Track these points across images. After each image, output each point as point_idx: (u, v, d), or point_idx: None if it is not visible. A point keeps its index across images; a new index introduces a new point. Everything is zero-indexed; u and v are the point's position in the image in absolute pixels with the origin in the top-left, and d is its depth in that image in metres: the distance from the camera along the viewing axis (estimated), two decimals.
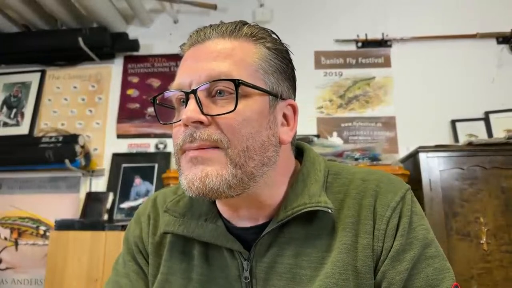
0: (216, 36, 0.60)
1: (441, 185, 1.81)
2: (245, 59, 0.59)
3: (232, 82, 0.56)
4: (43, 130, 2.62)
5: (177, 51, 0.66)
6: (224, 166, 0.55)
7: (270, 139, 0.59)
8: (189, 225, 0.65)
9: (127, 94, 2.66)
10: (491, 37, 2.48)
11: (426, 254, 0.60)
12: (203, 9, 2.65)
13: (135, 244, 0.72)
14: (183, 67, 0.61)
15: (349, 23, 2.58)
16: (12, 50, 2.66)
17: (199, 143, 0.56)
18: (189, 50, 0.63)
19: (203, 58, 0.58)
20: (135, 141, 2.56)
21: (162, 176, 2.08)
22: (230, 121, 0.56)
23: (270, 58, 0.61)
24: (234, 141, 0.56)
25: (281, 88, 0.62)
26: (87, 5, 2.38)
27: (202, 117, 0.55)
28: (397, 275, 0.58)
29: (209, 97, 0.58)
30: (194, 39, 0.62)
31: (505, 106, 2.33)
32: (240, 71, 0.57)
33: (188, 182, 0.56)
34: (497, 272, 1.70)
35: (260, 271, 0.61)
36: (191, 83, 0.58)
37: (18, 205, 2.51)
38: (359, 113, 2.48)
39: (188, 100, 0.56)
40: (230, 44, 0.59)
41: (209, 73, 0.57)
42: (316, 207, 0.59)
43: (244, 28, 0.61)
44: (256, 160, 0.57)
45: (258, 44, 0.61)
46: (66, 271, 1.91)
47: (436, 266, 0.59)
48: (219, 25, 0.62)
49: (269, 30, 0.65)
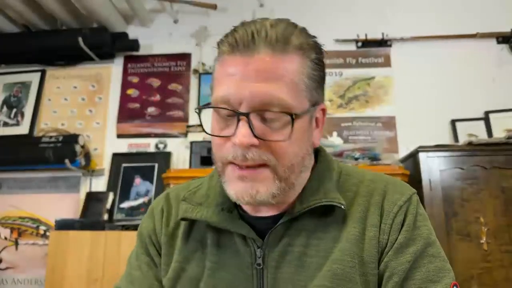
0: (265, 47, 0.58)
1: (441, 185, 1.81)
2: (293, 79, 0.59)
3: (289, 115, 0.58)
4: (43, 130, 2.62)
5: (178, 51, 0.66)
6: (272, 182, 0.60)
7: (308, 149, 0.65)
8: (207, 212, 0.68)
9: (127, 94, 2.66)
10: (491, 37, 2.48)
11: (428, 252, 0.63)
12: (203, 9, 2.65)
13: (148, 236, 0.75)
14: (230, 80, 0.59)
15: (349, 23, 2.58)
16: (12, 50, 2.66)
17: (250, 162, 0.59)
18: (232, 56, 0.60)
19: (253, 76, 0.58)
20: (135, 141, 2.56)
21: (162, 176, 2.08)
22: (282, 146, 0.59)
23: (313, 72, 0.62)
24: (282, 161, 0.60)
25: (318, 97, 0.65)
26: (87, 5, 2.38)
27: (255, 140, 0.58)
28: (399, 265, 0.61)
29: (260, 117, 0.59)
30: (240, 44, 0.59)
31: (505, 106, 2.33)
32: (290, 93, 0.58)
33: (236, 194, 0.61)
34: (497, 272, 1.70)
35: (272, 259, 0.65)
36: (240, 101, 0.58)
37: (18, 205, 2.51)
38: (359, 113, 2.48)
39: (239, 121, 0.58)
40: (279, 61, 0.58)
41: (262, 97, 0.57)
42: (330, 202, 0.64)
43: (293, 39, 0.60)
44: (296, 171, 0.63)
45: (305, 58, 0.61)
46: (66, 271, 1.91)
47: (437, 265, 0.62)
48: (267, 30, 0.59)
49: (313, 36, 0.64)
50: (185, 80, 2.64)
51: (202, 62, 2.62)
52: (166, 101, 2.62)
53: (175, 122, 2.56)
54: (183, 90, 2.62)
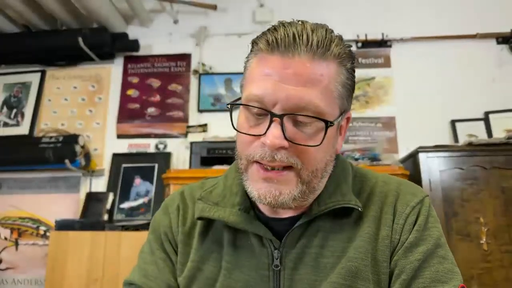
0: (306, 51, 0.58)
1: (441, 185, 1.81)
2: (328, 86, 0.60)
3: (323, 122, 0.59)
4: (43, 130, 2.62)
5: (178, 51, 0.65)
6: (295, 185, 0.61)
7: (332, 156, 0.66)
8: (224, 212, 0.68)
9: (127, 94, 2.66)
10: (491, 37, 2.48)
11: (438, 253, 0.64)
12: (203, 9, 2.65)
13: (164, 233, 0.74)
14: (267, 80, 0.59)
15: (349, 23, 2.58)
16: (12, 50, 2.66)
17: (277, 164, 0.59)
18: (271, 56, 0.59)
19: (292, 80, 0.58)
20: (135, 141, 2.56)
21: (162, 176, 2.08)
22: (311, 151, 0.60)
23: (347, 82, 0.63)
24: (307, 165, 0.60)
25: (347, 105, 0.65)
26: (87, 5, 2.38)
27: (285, 142, 0.58)
28: (408, 264, 0.62)
29: (292, 119, 0.59)
30: (281, 44, 0.58)
31: (505, 106, 2.33)
32: (324, 100, 0.59)
33: (259, 194, 0.61)
34: (497, 272, 1.70)
35: (289, 260, 0.66)
36: (275, 102, 0.58)
37: (18, 205, 2.51)
38: (359, 113, 2.48)
39: (272, 121, 0.58)
40: (319, 68, 0.59)
41: (298, 102, 0.57)
42: (348, 204, 0.65)
43: (332, 47, 0.60)
44: (319, 176, 0.63)
45: (342, 67, 0.62)
46: (66, 271, 1.91)
47: (447, 267, 0.63)
48: (308, 35, 0.59)
49: (349, 45, 0.65)
50: (185, 80, 2.64)
51: (202, 63, 2.62)
52: (166, 101, 2.62)
53: (175, 123, 2.56)
54: (183, 91, 2.62)
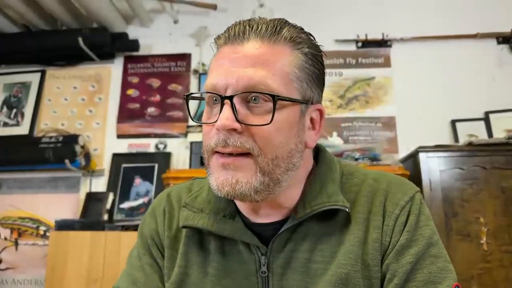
0: (255, 37, 0.59)
1: (441, 185, 1.81)
2: (282, 67, 0.59)
3: (271, 97, 0.57)
4: (43, 130, 2.62)
5: (178, 51, 0.66)
6: (254, 174, 0.58)
7: (297, 146, 0.62)
8: (208, 219, 0.66)
9: (127, 94, 2.66)
10: (491, 37, 2.48)
11: (430, 252, 0.62)
12: (203, 9, 2.65)
13: (150, 238, 0.73)
14: (219, 67, 0.60)
15: (349, 23, 2.58)
16: (12, 50, 2.66)
17: (232, 149, 0.58)
18: (225, 47, 0.61)
19: (241, 62, 0.58)
20: (135, 141, 2.56)
21: (162, 176, 2.08)
22: (264, 132, 0.58)
23: (306, 66, 0.62)
24: (265, 150, 0.58)
25: (313, 94, 0.63)
26: (87, 5, 2.38)
27: (237, 124, 0.57)
28: (400, 267, 0.60)
29: (244, 102, 0.59)
30: (232, 36, 0.61)
31: (505, 106, 2.33)
32: (277, 80, 0.58)
33: (218, 184, 0.59)
34: (497, 272, 1.70)
35: (277, 266, 0.64)
36: (227, 86, 0.58)
37: (18, 205, 2.51)
38: (359, 113, 2.47)
39: (223, 105, 0.57)
40: (268, 50, 0.59)
41: (247, 82, 0.57)
42: (335, 206, 0.62)
43: (284, 31, 0.61)
44: (282, 167, 0.60)
45: (296, 50, 0.61)
46: (66, 271, 1.91)
47: (439, 266, 0.61)
48: (258, 24, 0.61)
49: (308, 33, 0.65)
50: (185, 80, 2.64)
51: (202, 62, 2.62)
52: (166, 101, 2.62)
53: (175, 123, 2.56)
54: (183, 91, 2.62)
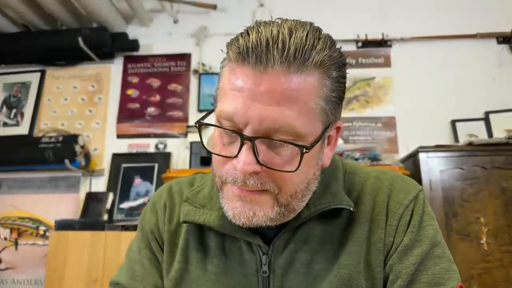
0: (281, 65, 0.50)
1: (441, 185, 1.81)
2: (308, 104, 0.53)
3: (298, 148, 0.53)
4: (43, 130, 2.62)
5: (178, 51, 0.64)
6: (271, 207, 0.56)
7: (315, 174, 0.59)
8: (210, 215, 0.65)
9: (127, 94, 2.66)
10: (491, 37, 2.48)
11: (434, 253, 0.61)
12: (203, 9, 2.65)
13: (150, 231, 0.72)
14: (237, 97, 0.52)
15: (349, 23, 2.58)
16: (12, 50, 2.66)
17: (251, 188, 0.55)
18: (243, 66, 0.52)
19: (264, 98, 0.51)
20: (135, 141, 2.56)
21: (162, 176, 2.08)
22: (286, 176, 0.54)
23: (332, 94, 0.55)
24: (284, 189, 0.56)
25: (335, 118, 0.58)
26: (87, 5, 2.38)
27: (257, 167, 0.53)
28: (403, 268, 0.59)
29: (266, 142, 0.54)
30: (251, 53, 0.51)
31: (505, 106, 2.33)
32: (303, 121, 0.52)
33: (234, 215, 0.57)
34: (497, 272, 1.70)
35: (278, 266, 0.62)
36: (246, 123, 0.52)
37: (18, 205, 2.51)
38: (359, 113, 2.47)
39: (243, 144, 0.52)
40: (295, 81, 0.51)
41: (271, 124, 0.51)
42: (339, 205, 0.61)
43: (313, 54, 0.52)
44: (299, 197, 0.58)
45: (324, 78, 0.54)
46: (66, 271, 1.91)
47: (443, 266, 0.60)
48: (284, 42, 0.51)
49: (334, 43, 0.58)
50: (185, 80, 2.64)
51: (202, 62, 2.61)
52: (166, 101, 2.61)
53: (175, 122, 2.56)
54: (183, 90, 2.62)
